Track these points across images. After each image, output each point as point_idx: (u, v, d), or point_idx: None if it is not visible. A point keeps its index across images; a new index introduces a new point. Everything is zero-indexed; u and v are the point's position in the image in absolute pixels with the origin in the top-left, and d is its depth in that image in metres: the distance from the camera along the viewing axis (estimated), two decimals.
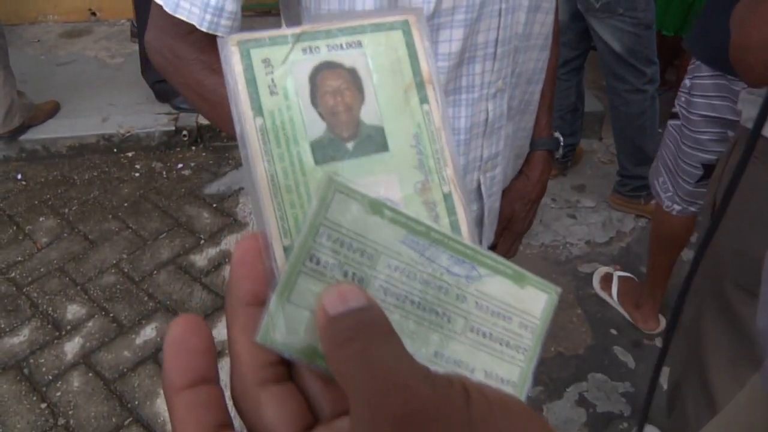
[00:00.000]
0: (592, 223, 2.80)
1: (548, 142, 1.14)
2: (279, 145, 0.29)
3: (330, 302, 0.25)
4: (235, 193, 2.95)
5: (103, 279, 2.50)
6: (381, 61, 0.32)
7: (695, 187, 1.93)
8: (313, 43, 0.31)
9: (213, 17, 0.76)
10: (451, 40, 0.82)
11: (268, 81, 0.30)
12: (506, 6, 0.83)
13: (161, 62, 0.83)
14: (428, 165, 0.32)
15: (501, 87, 0.90)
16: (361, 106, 0.31)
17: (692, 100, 1.80)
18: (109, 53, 4.04)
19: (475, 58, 0.86)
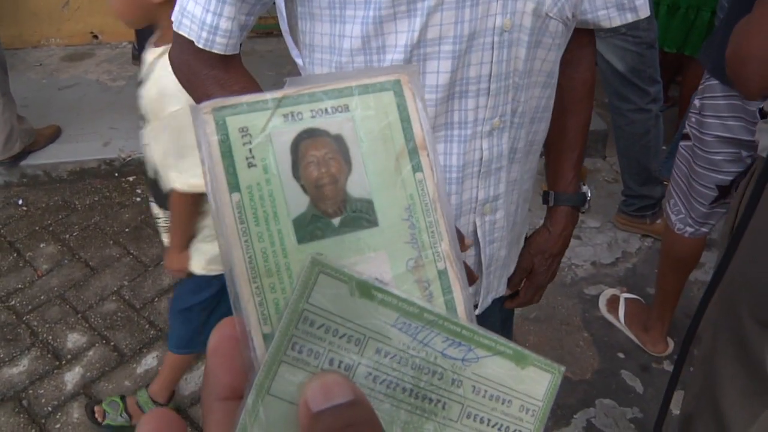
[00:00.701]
0: (597, 243, 2.77)
1: (574, 198, 1.11)
2: (258, 224, 0.27)
3: (313, 396, 0.23)
4: None
5: (104, 306, 2.47)
6: (370, 126, 0.29)
7: (709, 209, 1.90)
8: (295, 108, 0.28)
9: (208, 35, 0.81)
10: (439, 72, 0.80)
11: (245, 152, 0.27)
12: (500, 39, 0.80)
13: (180, 77, 0.89)
14: (422, 240, 0.29)
15: (498, 125, 0.88)
16: (347, 178, 0.28)
17: (704, 121, 1.77)
18: (110, 76, 4.05)
19: (468, 93, 0.84)
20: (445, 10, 0.76)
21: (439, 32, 0.78)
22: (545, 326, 2.37)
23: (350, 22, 0.79)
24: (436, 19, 0.77)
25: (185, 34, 0.83)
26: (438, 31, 0.78)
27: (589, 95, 1.08)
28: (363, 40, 0.79)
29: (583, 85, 1.06)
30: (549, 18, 0.84)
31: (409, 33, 0.77)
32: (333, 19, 0.80)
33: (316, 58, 0.85)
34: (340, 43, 0.81)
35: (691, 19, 3.03)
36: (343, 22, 0.79)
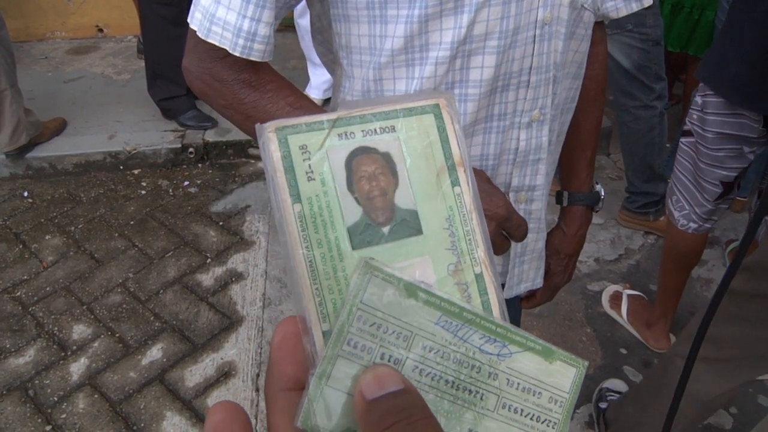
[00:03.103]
0: (600, 240, 2.77)
1: (588, 197, 1.11)
2: (317, 231, 0.30)
3: (368, 386, 0.26)
4: (242, 211, 2.94)
5: (110, 298, 2.48)
6: (414, 145, 0.32)
7: (714, 206, 1.91)
8: (348, 128, 0.31)
9: (246, 41, 0.76)
10: (483, 67, 0.80)
11: (305, 167, 0.30)
12: (540, 32, 0.81)
13: (201, 87, 0.83)
14: (460, 247, 0.33)
15: (537, 117, 0.88)
16: (395, 191, 0.32)
17: (706, 118, 1.78)
18: (115, 70, 4.06)
19: (509, 86, 0.84)
20: (493, 5, 0.76)
21: (486, 28, 0.77)
22: (549, 321, 2.38)
23: (393, 22, 0.77)
24: (483, 15, 0.76)
25: (216, 42, 0.76)
26: (485, 27, 0.77)
27: (602, 93, 1.08)
28: (406, 39, 0.78)
29: (596, 84, 1.06)
30: (583, 8, 0.85)
31: (456, 30, 0.77)
32: (372, 19, 0.79)
33: (354, 59, 0.84)
34: (381, 43, 0.80)
35: (695, 18, 3.03)
36: (385, 22, 0.78)
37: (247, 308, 2.43)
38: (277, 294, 2.48)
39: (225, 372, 2.18)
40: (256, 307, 2.43)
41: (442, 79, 0.80)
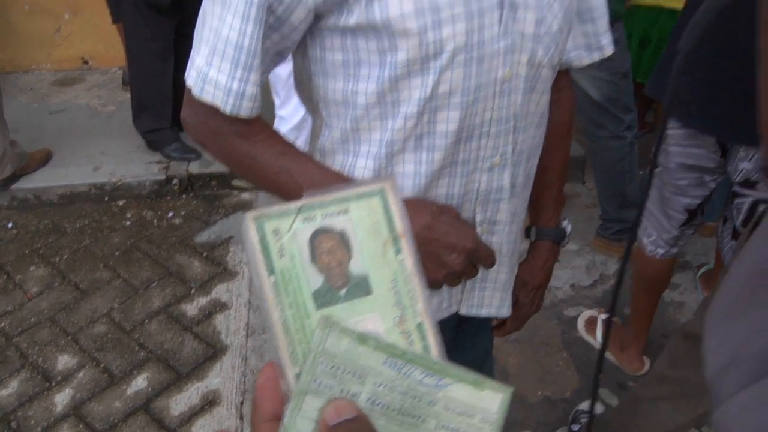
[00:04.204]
0: (576, 266, 2.85)
1: (554, 233, 1.18)
2: (288, 296, 0.39)
3: (329, 415, 0.35)
4: (225, 242, 2.99)
5: (94, 329, 2.51)
6: (364, 223, 0.41)
7: (679, 232, 2.00)
8: (310, 213, 0.40)
9: (236, 101, 0.83)
10: (448, 121, 0.87)
11: (278, 247, 0.39)
12: (500, 89, 0.88)
13: (198, 137, 0.92)
14: (404, 303, 0.41)
15: (498, 162, 0.95)
16: (349, 261, 0.40)
17: (668, 150, 1.87)
18: (101, 101, 4.12)
19: (472, 136, 0.91)
20: (455, 68, 0.83)
21: (450, 87, 0.85)
22: (526, 347, 2.44)
23: (365, 81, 0.85)
24: (447, 76, 0.83)
25: (208, 100, 0.84)
26: (449, 86, 0.84)
27: (568, 135, 1.16)
28: (378, 95, 0.85)
29: (562, 127, 1.14)
30: (541, 66, 0.92)
31: (423, 89, 0.84)
32: (347, 77, 0.86)
33: (332, 111, 0.92)
34: (355, 98, 0.87)
35: (662, 51, 3.16)
36: (358, 80, 0.85)
37: (231, 337, 2.47)
38: (260, 323, 2.53)
39: (210, 400, 2.21)
40: (240, 336, 2.47)
41: (411, 131, 0.87)
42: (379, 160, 0.91)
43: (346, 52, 0.84)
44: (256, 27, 0.79)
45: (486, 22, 0.82)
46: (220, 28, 0.81)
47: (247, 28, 0.79)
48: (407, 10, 0.78)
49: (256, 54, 0.81)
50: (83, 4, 4.36)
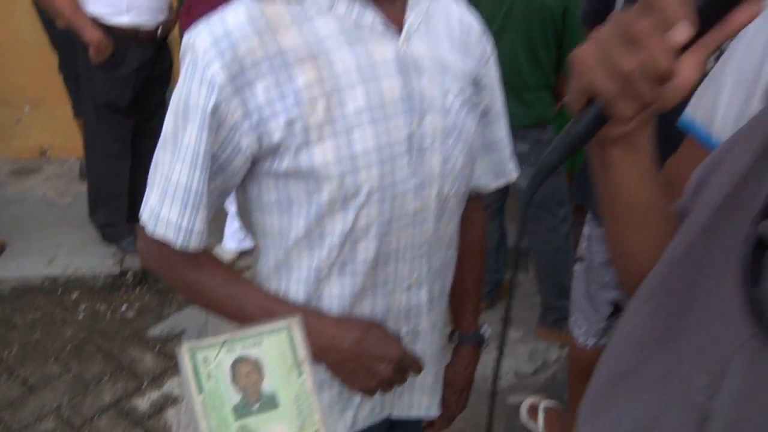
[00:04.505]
0: (519, 353, 2.98)
1: (474, 338, 1.31)
2: (214, 410, 0.52)
3: None
4: (178, 335, 3.04)
5: (42, 425, 2.51)
6: (274, 352, 0.56)
7: (608, 324, 2.15)
8: (232, 345, 0.55)
9: (185, 236, 0.94)
10: (367, 250, 1.00)
11: (206, 372, 0.53)
12: (413, 220, 1.02)
13: (152, 265, 1.03)
14: (304, 414, 0.55)
15: (415, 283, 1.08)
16: (262, 382, 0.54)
17: (592, 248, 2.05)
18: (57, 192, 4.18)
19: (389, 262, 1.04)
20: (371, 205, 0.97)
21: (367, 221, 0.98)
22: None
23: (295, 216, 0.98)
24: (364, 212, 0.97)
25: (161, 237, 0.95)
26: (366, 220, 0.98)
27: (481, 252, 1.30)
28: (306, 229, 0.98)
29: (475, 245, 1.28)
30: (449, 198, 1.07)
31: (344, 223, 0.97)
32: (280, 213, 0.99)
33: (269, 242, 1.04)
34: (286, 231, 1.00)
35: None
36: (289, 216, 0.99)
37: None
38: None
39: None
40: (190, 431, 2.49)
41: (336, 259, 1.00)
42: (309, 284, 1.03)
43: (279, 192, 0.98)
44: (202, 173, 0.92)
45: (397, 166, 0.96)
46: (171, 174, 0.93)
47: (194, 174, 0.91)
48: (329, 159, 0.92)
49: (202, 196, 0.93)
50: (44, 97, 4.49)
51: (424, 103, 0.97)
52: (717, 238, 0.63)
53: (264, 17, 0.90)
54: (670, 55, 0.51)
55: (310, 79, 0.90)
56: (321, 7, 0.92)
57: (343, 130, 0.92)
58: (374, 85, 0.93)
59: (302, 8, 0.92)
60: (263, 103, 0.90)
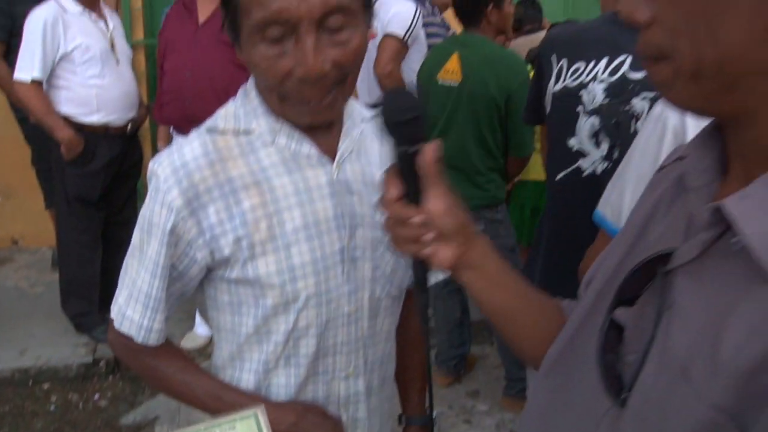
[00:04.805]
0: (486, 426, 3.05)
1: (421, 420, 1.40)
2: None
3: None
4: (151, 423, 3.06)
5: None
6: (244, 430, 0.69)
7: None
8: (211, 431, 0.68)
9: (146, 334, 1.09)
10: (308, 346, 1.13)
11: None
12: (348, 320, 1.14)
13: (119, 354, 1.19)
14: None
15: (352, 373, 1.19)
16: None
17: None
18: (29, 282, 4.22)
19: (328, 355, 1.16)
20: (310, 308, 1.10)
21: (307, 322, 1.10)
22: None
23: (245, 316, 1.11)
24: (304, 314, 1.10)
25: (125, 332, 1.09)
26: (306, 321, 1.10)
27: (421, 339, 1.41)
28: (255, 327, 1.11)
29: (414, 332, 1.38)
30: (381, 299, 1.18)
31: (286, 323, 1.10)
32: (232, 313, 1.12)
33: (223, 336, 1.17)
34: (239, 328, 1.13)
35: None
36: (240, 316, 1.12)
37: None
38: None
39: None
40: None
41: (281, 353, 1.12)
42: (258, 374, 1.15)
43: (231, 296, 1.11)
44: (162, 281, 1.06)
45: (331, 274, 1.09)
46: (137, 280, 1.08)
47: (155, 283, 1.06)
48: (271, 271, 1.06)
49: (160, 302, 1.08)
50: (16, 189, 4.58)
51: (354, 219, 1.11)
52: (592, 323, 0.75)
53: (216, 149, 1.05)
54: (409, 216, 0.83)
55: (255, 202, 1.05)
56: (264, 140, 1.07)
57: (283, 246, 1.06)
58: (309, 207, 1.07)
59: (249, 139, 1.07)
60: (215, 223, 1.04)
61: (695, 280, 0.61)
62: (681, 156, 0.72)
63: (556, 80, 2.31)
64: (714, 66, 0.55)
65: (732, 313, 0.56)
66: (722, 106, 0.58)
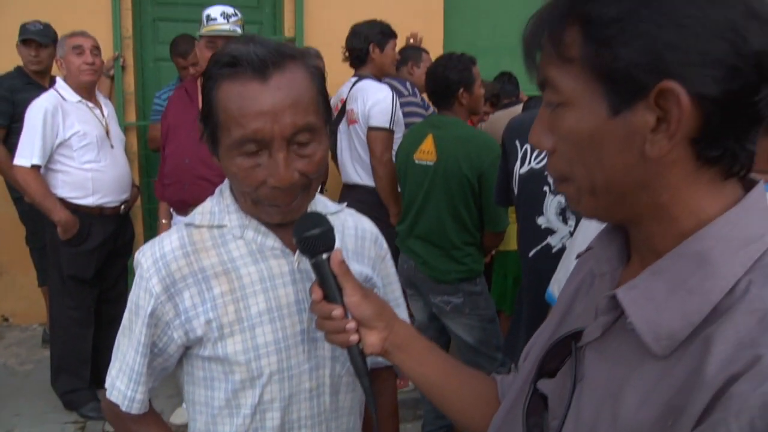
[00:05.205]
0: None
1: None
2: None
3: None
4: None
5: None
6: None
7: None
8: None
9: (130, 403, 1.24)
10: (273, 419, 1.23)
11: None
12: (309, 395, 1.25)
13: (109, 418, 1.32)
14: None
15: None
16: None
17: None
18: (18, 360, 4.25)
19: (293, 428, 1.26)
20: (273, 383, 1.21)
21: (271, 397, 1.22)
22: None
23: (217, 390, 1.23)
24: (268, 389, 1.21)
25: (113, 400, 1.23)
26: (270, 396, 1.22)
27: (395, 414, 1.49)
28: (226, 401, 1.23)
29: (388, 407, 1.47)
30: (341, 376, 1.28)
31: (253, 398, 1.21)
32: (206, 387, 1.24)
33: (197, 409, 1.28)
34: (211, 401, 1.25)
35: None
36: (213, 390, 1.23)
37: None
38: None
39: None
40: None
41: (249, 425, 1.22)
42: None
43: (205, 371, 1.23)
44: (144, 358, 1.21)
45: (292, 353, 1.21)
46: (126, 356, 1.23)
47: (137, 358, 1.21)
48: (238, 349, 1.18)
49: (142, 375, 1.22)
50: (8, 267, 4.66)
51: None
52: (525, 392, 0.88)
53: (191, 242, 1.21)
54: (331, 311, 1.02)
55: (224, 289, 1.19)
56: (235, 233, 1.22)
57: (249, 327, 1.19)
58: (273, 293, 1.21)
59: (221, 232, 1.22)
60: (189, 307, 1.18)
61: (600, 355, 0.75)
62: (590, 246, 0.86)
63: (521, 163, 2.51)
64: (604, 186, 0.70)
65: (627, 383, 0.69)
66: (618, 215, 0.74)
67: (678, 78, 0.62)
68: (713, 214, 0.67)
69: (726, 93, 0.62)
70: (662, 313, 0.66)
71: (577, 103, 0.69)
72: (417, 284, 3.13)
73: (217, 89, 1.10)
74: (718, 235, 0.66)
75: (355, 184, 3.68)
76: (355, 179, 3.67)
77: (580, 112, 0.69)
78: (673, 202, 0.68)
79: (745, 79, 0.62)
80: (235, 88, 1.07)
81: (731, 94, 0.62)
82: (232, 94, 1.07)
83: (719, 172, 0.67)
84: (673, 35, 0.61)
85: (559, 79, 0.70)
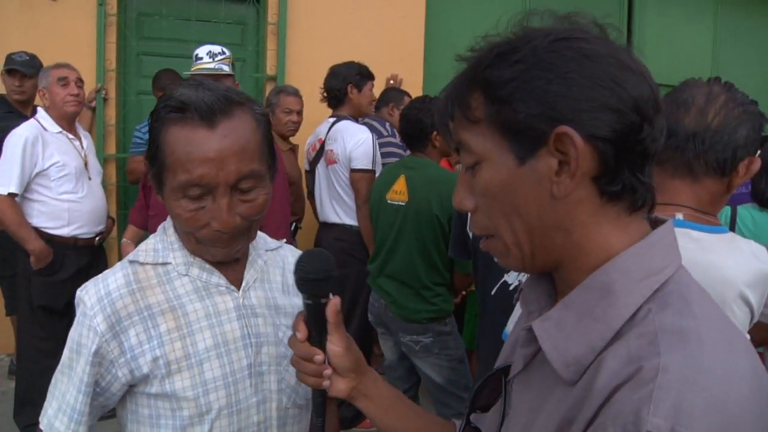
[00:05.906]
0: None
1: None
2: None
3: None
4: None
5: None
6: None
7: None
8: None
9: None
10: None
11: None
12: (257, 429, 1.26)
13: None
14: None
15: None
16: None
17: None
18: None
19: None
20: (222, 418, 1.22)
21: (220, 431, 1.23)
22: None
23: (164, 428, 1.22)
24: (217, 423, 1.22)
25: None
26: (219, 430, 1.22)
27: None
28: None
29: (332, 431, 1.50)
30: (287, 408, 1.31)
31: None
32: (152, 425, 1.23)
33: None
34: None
35: None
36: (159, 427, 1.22)
37: None
38: None
39: None
40: None
41: None
42: None
43: (151, 409, 1.23)
44: (86, 397, 1.18)
45: (240, 388, 1.24)
46: (65, 395, 1.20)
47: (79, 398, 1.18)
48: (186, 385, 1.19)
49: (83, 415, 1.19)
50: None
51: (260, 338, 1.27)
52: None
53: (137, 280, 1.21)
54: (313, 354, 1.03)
55: (170, 326, 1.20)
56: (179, 271, 1.24)
57: (196, 363, 1.21)
58: (219, 328, 1.23)
59: (166, 270, 1.24)
60: (135, 345, 1.18)
61: (524, 387, 0.80)
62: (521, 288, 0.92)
63: None
64: (525, 232, 0.76)
65: (543, 409, 0.74)
66: (540, 261, 0.80)
67: (571, 123, 0.70)
68: (620, 249, 0.74)
69: (615, 133, 0.70)
70: (570, 341, 0.72)
71: (489, 158, 0.76)
72: (387, 323, 3.17)
73: (165, 132, 1.12)
74: (621, 268, 0.72)
75: (333, 223, 3.74)
76: (334, 218, 3.73)
77: (492, 167, 0.76)
78: (585, 239, 0.75)
79: (629, 119, 0.70)
80: (183, 133, 1.10)
81: (619, 133, 0.70)
82: (180, 138, 1.10)
83: (624, 208, 0.75)
84: (561, 87, 0.70)
85: (471, 139, 0.77)
